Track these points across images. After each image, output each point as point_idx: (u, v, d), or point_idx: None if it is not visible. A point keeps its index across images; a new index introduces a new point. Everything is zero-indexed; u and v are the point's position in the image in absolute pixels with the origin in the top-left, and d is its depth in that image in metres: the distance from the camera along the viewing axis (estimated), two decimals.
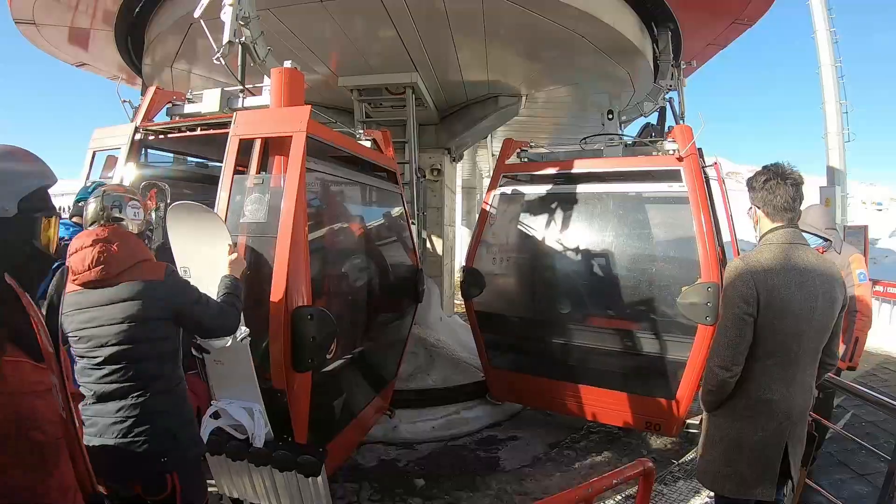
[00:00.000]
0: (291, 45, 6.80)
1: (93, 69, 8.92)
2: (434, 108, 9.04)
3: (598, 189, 6.05)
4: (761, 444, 2.60)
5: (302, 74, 4.10)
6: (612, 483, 2.34)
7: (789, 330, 2.52)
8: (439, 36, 6.60)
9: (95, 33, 7.35)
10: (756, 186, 2.70)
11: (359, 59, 7.37)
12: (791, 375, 2.58)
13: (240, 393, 3.33)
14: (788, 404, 2.57)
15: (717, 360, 2.60)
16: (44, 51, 8.05)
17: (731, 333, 2.56)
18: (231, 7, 4.03)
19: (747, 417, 2.64)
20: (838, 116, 16.46)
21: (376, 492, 5.07)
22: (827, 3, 16.50)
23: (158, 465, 2.45)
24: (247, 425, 3.25)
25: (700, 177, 5.21)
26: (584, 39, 6.67)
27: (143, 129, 4.58)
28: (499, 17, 6.10)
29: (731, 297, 2.57)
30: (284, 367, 3.38)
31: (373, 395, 5.47)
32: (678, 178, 5.29)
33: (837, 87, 16.61)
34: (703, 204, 5.10)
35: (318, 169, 4.16)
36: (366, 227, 5.64)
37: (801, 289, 2.51)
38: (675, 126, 5.79)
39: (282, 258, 3.40)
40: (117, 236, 2.49)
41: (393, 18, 6.06)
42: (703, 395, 2.79)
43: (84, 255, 2.38)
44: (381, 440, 6.11)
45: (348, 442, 4.92)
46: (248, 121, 3.91)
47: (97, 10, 6.73)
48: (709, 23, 7.28)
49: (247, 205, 3.64)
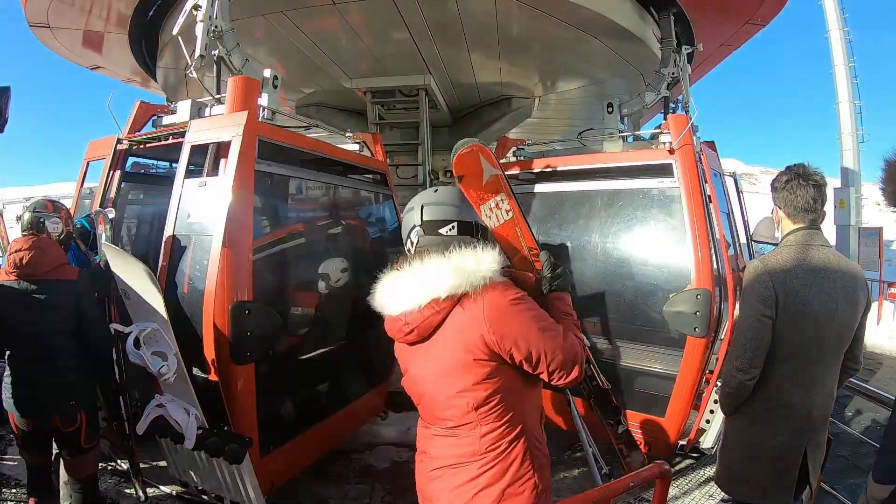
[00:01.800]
0: (304, 46, 6.83)
1: (107, 72, 8.98)
2: (447, 110, 9.05)
3: (584, 187, 5.62)
4: (779, 450, 2.56)
5: (256, 82, 4.29)
6: (628, 485, 2.32)
7: (809, 332, 2.48)
8: (452, 38, 6.59)
9: (109, 36, 7.39)
10: (778, 187, 2.68)
11: (372, 61, 7.39)
12: (811, 379, 2.54)
13: (181, 395, 3.58)
14: (808, 409, 2.53)
15: (736, 362, 2.57)
16: (58, 54, 8.11)
17: (750, 335, 2.52)
18: (202, 23, 4.39)
19: (765, 421, 2.61)
20: (852, 117, 16.29)
21: (388, 494, 5.06)
22: (840, 3, 16.36)
23: (70, 406, 3.47)
24: (182, 424, 3.52)
25: (694, 171, 4.72)
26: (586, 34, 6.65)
27: (126, 141, 4.94)
28: (511, 17, 6.10)
29: (749, 299, 2.54)
30: (217, 360, 3.56)
31: (349, 401, 5.38)
32: (670, 172, 4.87)
33: (851, 87, 16.46)
34: (695, 201, 4.65)
35: (276, 171, 4.33)
36: (340, 227, 5.72)
37: (821, 290, 2.47)
38: (669, 115, 5.30)
39: (217, 256, 3.57)
40: (44, 244, 3.48)
41: (406, 21, 6.07)
42: (721, 398, 2.76)
43: (22, 255, 3.34)
44: (394, 442, 6.10)
45: (315, 443, 4.88)
46: (199, 128, 4.17)
47: (111, 14, 6.76)
48: (722, 23, 7.24)
49: (192, 207, 3.92)
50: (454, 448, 2.03)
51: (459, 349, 1.96)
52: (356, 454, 5.84)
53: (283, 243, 4.92)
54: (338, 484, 5.21)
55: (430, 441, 2.13)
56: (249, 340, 3.61)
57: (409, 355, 2.17)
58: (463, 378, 1.96)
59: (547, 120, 10.41)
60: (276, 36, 6.52)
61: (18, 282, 3.33)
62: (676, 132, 4.84)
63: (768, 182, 2.92)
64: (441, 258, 2.01)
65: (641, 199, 5.16)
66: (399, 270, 2.12)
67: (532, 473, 2.02)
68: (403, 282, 2.08)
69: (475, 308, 1.94)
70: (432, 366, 2.06)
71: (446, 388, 2.01)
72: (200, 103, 4.60)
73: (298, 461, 4.63)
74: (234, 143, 3.76)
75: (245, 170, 3.72)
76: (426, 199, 2.25)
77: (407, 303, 2.04)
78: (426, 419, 2.17)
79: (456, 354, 1.97)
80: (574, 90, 8.86)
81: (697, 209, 4.60)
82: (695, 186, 4.68)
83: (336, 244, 5.54)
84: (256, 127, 3.94)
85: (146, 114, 4.99)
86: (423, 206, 2.22)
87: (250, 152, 3.79)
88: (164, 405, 3.55)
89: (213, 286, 3.56)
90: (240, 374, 3.63)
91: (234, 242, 3.61)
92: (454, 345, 1.97)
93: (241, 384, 3.65)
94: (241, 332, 3.56)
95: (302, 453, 4.64)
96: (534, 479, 2.01)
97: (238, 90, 4.08)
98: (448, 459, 2.05)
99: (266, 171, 4.12)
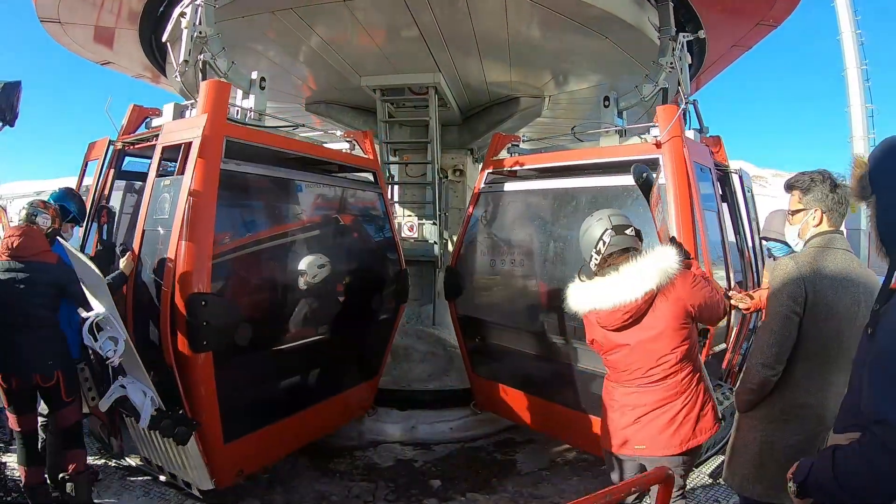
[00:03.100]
0: (314, 43, 6.84)
1: (117, 68, 8.97)
2: (457, 109, 9.03)
3: (569, 185, 5.47)
4: (795, 449, 2.55)
5: (227, 85, 4.49)
6: (630, 489, 2.32)
7: (832, 332, 2.53)
8: (462, 36, 6.59)
9: (120, 32, 7.39)
10: (822, 191, 2.71)
11: (381, 59, 7.39)
12: (828, 380, 2.57)
13: (141, 377, 3.94)
14: (823, 409, 2.55)
15: (761, 357, 2.60)
16: (68, 49, 8.11)
17: (778, 331, 2.57)
18: (186, 30, 4.73)
19: (782, 421, 2.64)
20: (864, 120, 16.23)
21: (392, 492, 5.07)
22: (853, 4, 16.26)
23: (48, 365, 3.98)
24: (138, 404, 3.91)
25: (682, 166, 4.48)
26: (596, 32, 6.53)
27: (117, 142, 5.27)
28: (521, 14, 6.09)
29: (779, 296, 2.59)
30: (171, 347, 3.92)
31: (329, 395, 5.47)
32: (656, 167, 4.51)
33: (863, 90, 16.36)
34: (682, 199, 4.40)
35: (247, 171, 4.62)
36: (321, 224, 5.87)
37: (847, 292, 2.53)
38: (658, 107, 5.01)
39: (174, 249, 3.93)
40: (33, 233, 4.08)
41: (416, 19, 6.07)
42: (741, 395, 2.79)
43: (13, 239, 3.95)
44: (398, 440, 6.12)
45: (290, 435, 5.05)
46: (169, 130, 4.57)
47: (122, 9, 6.77)
48: (733, 24, 7.18)
49: (159, 204, 4.26)
50: (661, 393, 2.91)
51: (671, 319, 2.86)
52: (360, 452, 5.86)
53: (259, 239, 5.17)
54: (341, 481, 5.23)
55: (632, 396, 2.99)
56: (206, 330, 3.90)
57: (614, 337, 2.98)
58: (673, 339, 2.87)
59: (556, 120, 10.36)
60: (287, 34, 6.52)
61: (9, 261, 3.94)
62: (664, 124, 4.63)
63: (779, 185, 3.00)
64: (644, 262, 2.86)
65: (626, 196, 4.88)
66: (605, 276, 2.94)
67: (711, 396, 3.07)
68: (616, 282, 2.87)
69: (675, 290, 2.86)
70: (644, 338, 2.90)
71: (660, 350, 2.89)
72: (183, 106, 4.83)
73: (271, 450, 4.89)
74: (195, 143, 4.06)
75: (207, 168, 4.04)
76: (611, 211, 3.12)
77: (624, 297, 2.84)
78: (629, 380, 3.00)
79: (668, 323, 2.86)
80: (585, 89, 8.81)
81: (684, 208, 4.38)
82: (682, 183, 4.47)
83: (316, 241, 5.62)
84: (222, 128, 4.25)
85: (139, 116, 5.28)
86: (611, 216, 3.04)
87: (212, 152, 4.10)
88: (126, 386, 3.96)
89: (170, 278, 3.91)
90: (198, 363, 3.94)
91: (193, 237, 3.92)
92: (665, 318, 2.86)
93: (199, 372, 3.97)
94: (198, 322, 3.86)
95: (274, 443, 4.87)
96: (713, 401, 3.06)
97: (207, 94, 4.29)
98: (655, 404, 2.92)
99: (235, 170, 4.43)
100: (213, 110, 4.21)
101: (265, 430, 4.68)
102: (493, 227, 6.23)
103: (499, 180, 6.12)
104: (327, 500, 4.92)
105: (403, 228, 8.80)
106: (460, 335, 6.31)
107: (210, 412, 4.07)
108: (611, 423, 3.12)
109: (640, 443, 2.97)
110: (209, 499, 4.46)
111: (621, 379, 3.06)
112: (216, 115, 4.20)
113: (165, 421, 3.89)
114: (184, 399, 3.98)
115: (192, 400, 4.02)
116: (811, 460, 1.77)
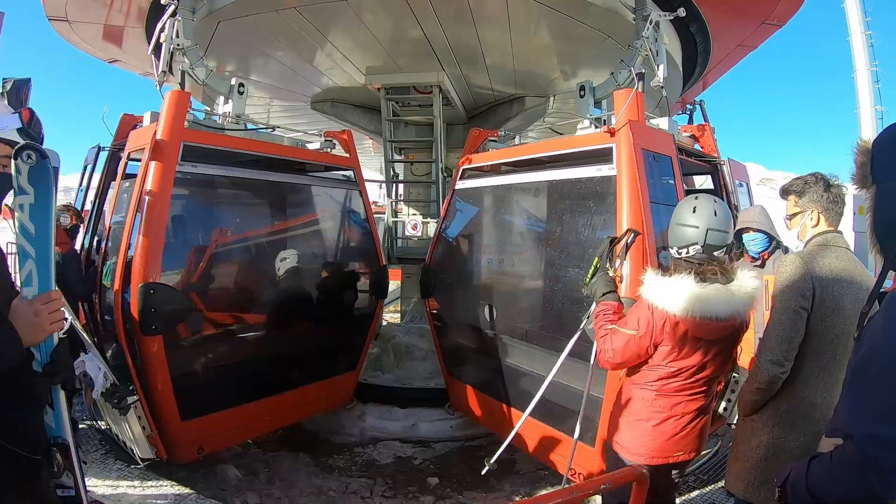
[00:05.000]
0: (319, 43, 6.87)
1: (125, 66, 9.02)
2: (461, 108, 9.03)
3: (529, 179, 5.22)
4: (802, 451, 2.53)
5: (187, 94, 4.76)
6: (598, 487, 2.33)
7: (838, 329, 2.53)
8: (465, 36, 6.60)
9: (129, 31, 7.44)
10: (817, 191, 2.75)
11: (386, 58, 7.41)
12: (834, 379, 2.56)
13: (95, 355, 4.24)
14: (830, 409, 2.47)
15: (770, 354, 2.58)
16: (77, 47, 8.17)
17: (787, 327, 2.56)
18: (164, 43, 5.06)
19: (789, 422, 2.63)
20: (873, 122, 16.13)
21: (390, 488, 5.10)
22: (863, 5, 16.13)
23: None
24: (93, 377, 4.18)
25: (633, 155, 4.00)
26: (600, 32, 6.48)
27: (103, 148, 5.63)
28: (523, 12, 6.08)
29: (787, 291, 2.58)
30: (121, 331, 4.28)
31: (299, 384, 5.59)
32: (609, 157, 4.17)
33: (873, 92, 16.24)
34: (631, 192, 3.94)
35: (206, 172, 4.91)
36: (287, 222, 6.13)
37: (852, 289, 2.53)
38: (615, 92, 4.55)
39: (125, 243, 4.33)
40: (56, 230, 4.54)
41: (419, 18, 6.09)
42: (747, 395, 2.76)
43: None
44: (398, 437, 6.14)
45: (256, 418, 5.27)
46: (133, 137, 4.92)
47: (131, 8, 6.81)
48: (738, 23, 7.15)
49: (122, 203, 4.78)
50: (704, 399, 2.85)
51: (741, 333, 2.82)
52: (360, 448, 5.89)
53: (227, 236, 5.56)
54: (340, 477, 5.26)
55: (688, 404, 2.81)
56: (155, 316, 4.21)
57: (704, 345, 2.70)
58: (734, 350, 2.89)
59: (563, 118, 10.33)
60: (292, 33, 6.55)
61: None
62: (618, 109, 4.19)
63: None
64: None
65: (578, 190, 4.66)
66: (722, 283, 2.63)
67: None
68: (730, 293, 2.62)
69: None
70: (725, 348, 2.77)
71: (727, 360, 2.85)
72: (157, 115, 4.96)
73: (234, 432, 5.18)
74: (147, 148, 4.38)
75: (161, 171, 4.36)
76: (711, 223, 2.71)
77: (742, 307, 2.65)
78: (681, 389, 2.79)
79: (737, 338, 2.82)
80: None
81: (633, 201, 3.94)
82: (631, 174, 3.99)
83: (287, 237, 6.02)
84: (180, 134, 4.54)
85: (129, 124, 5.47)
86: (709, 231, 2.69)
87: (166, 156, 4.40)
88: (85, 361, 4.22)
89: (119, 269, 4.28)
90: (149, 345, 4.27)
91: (147, 232, 4.25)
92: (742, 331, 2.80)
93: (151, 353, 4.30)
94: (147, 308, 4.17)
95: (237, 425, 5.14)
96: None
97: (167, 103, 4.58)
98: (702, 410, 2.85)
99: (192, 171, 4.74)
100: (170, 118, 4.52)
101: (228, 413, 4.96)
102: (466, 224, 6.22)
103: (472, 177, 6.03)
104: (325, 494, 4.95)
105: (407, 227, 8.82)
106: (435, 334, 6.30)
107: (164, 390, 4.39)
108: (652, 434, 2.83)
109: (682, 449, 2.84)
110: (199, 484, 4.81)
111: (672, 388, 2.78)
112: (174, 122, 4.52)
113: (115, 393, 4.16)
114: (134, 377, 4.31)
115: (147, 379, 4.36)
116: (792, 465, 1.74)
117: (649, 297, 2.68)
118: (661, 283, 2.66)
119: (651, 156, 4.22)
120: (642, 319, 2.69)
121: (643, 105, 4.28)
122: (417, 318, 9.00)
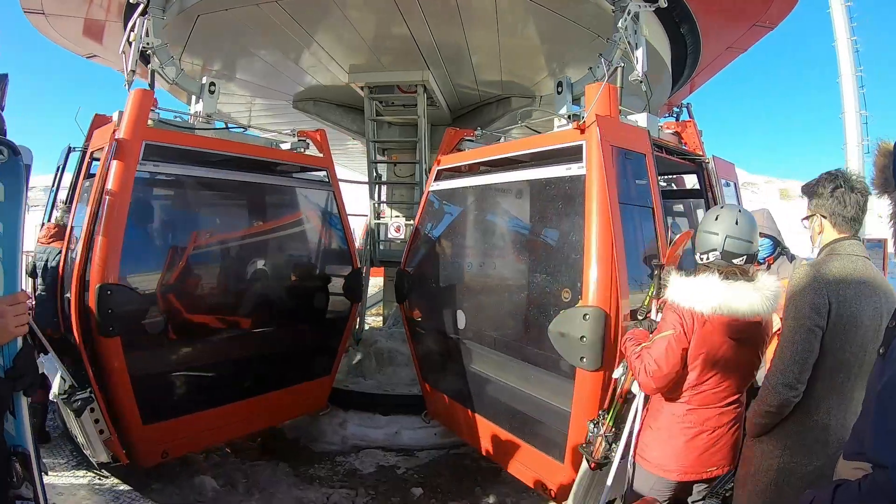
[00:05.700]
0: (302, 40, 6.75)
1: (104, 62, 8.84)
2: (446, 108, 8.95)
3: (500, 179, 5.01)
4: (815, 475, 2.35)
5: (150, 93, 4.70)
6: None
7: (855, 346, 2.32)
8: (452, 34, 6.50)
9: (109, 25, 7.27)
10: (822, 194, 2.50)
11: (370, 56, 7.31)
12: (848, 399, 2.37)
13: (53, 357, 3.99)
14: (844, 431, 2.31)
15: (782, 377, 2.35)
16: (54, 42, 7.99)
17: (801, 347, 2.33)
18: (133, 43, 5.01)
19: (801, 445, 2.42)
20: (858, 127, 16.23)
21: (372, 499, 4.97)
22: (848, 11, 16.27)
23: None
24: (49, 377, 4.09)
25: (603, 153, 3.71)
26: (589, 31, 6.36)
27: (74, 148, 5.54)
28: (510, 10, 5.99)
29: (800, 307, 2.35)
30: (78, 331, 4.17)
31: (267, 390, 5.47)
32: (579, 156, 3.92)
33: (858, 97, 16.36)
34: (600, 192, 3.67)
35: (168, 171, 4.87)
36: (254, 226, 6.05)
37: (870, 302, 2.32)
38: (587, 86, 4.20)
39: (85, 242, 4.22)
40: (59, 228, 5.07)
41: (404, 16, 5.98)
42: (757, 418, 2.52)
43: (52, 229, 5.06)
44: (381, 446, 5.99)
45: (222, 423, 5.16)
46: (96, 136, 4.94)
47: (111, 2, 6.66)
48: (729, 26, 7.11)
49: (83, 202, 4.74)
50: (736, 411, 2.83)
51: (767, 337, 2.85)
52: (342, 457, 5.75)
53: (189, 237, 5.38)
54: (321, 487, 5.12)
55: (719, 418, 2.80)
56: (112, 317, 4.15)
57: (728, 348, 2.72)
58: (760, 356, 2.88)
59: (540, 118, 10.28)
60: (274, 29, 6.42)
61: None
62: (588, 104, 3.93)
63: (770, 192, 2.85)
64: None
65: (549, 190, 4.46)
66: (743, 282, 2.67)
67: None
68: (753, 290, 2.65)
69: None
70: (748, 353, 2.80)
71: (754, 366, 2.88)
72: None
73: (201, 436, 5.07)
74: (105, 148, 4.36)
75: (121, 171, 4.29)
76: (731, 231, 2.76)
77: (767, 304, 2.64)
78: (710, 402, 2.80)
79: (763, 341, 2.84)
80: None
81: (602, 202, 3.67)
82: (599, 172, 3.72)
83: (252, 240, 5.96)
84: (142, 133, 4.47)
85: (100, 124, 5.29)
86: (727, 238, 2.75)
87: (126, 155, 4.34)
88: (44, 362, 3.94)
89: (78, 269, 4.21)
90: (107, 346, 4.20)
91: (103, 232, 4.18)
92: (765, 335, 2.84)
93: (109, 355, 4.23)
94: (104, 309, 4.11)
95: (204, 430, 5.03)
96: None
97: (130, 102, 4.50)
98: (731, 423, 2.82)
99: (155, 171, 4.70)
100: (132, 117, 4.45)
101: (194, 416, 4.89)
102: (440, 227, 6.05)
103: (446, 178, 5.79)
104: None
105: (390, 229, 8.69)
106: (410, 339, 6.12)
107: (124, 393, 4.32)
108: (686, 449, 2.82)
109: (716, 464, 2.84)
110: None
111: (701, 400, 2.79)
112: (136, 121, 4.45)
113: (76, 396, 4.09)
114: (91, 379, 4.20)
115: (106, 382, 4.28)
116: (814, 492, 1.59)
117: (675, 298, 2.74)
118: (687, 283, 2.73)
119: (623, 153, 3.99)
120: (674, 320, 2.74)
121: (616, 99, 4.06)
122: (400, 323, 8.86)
